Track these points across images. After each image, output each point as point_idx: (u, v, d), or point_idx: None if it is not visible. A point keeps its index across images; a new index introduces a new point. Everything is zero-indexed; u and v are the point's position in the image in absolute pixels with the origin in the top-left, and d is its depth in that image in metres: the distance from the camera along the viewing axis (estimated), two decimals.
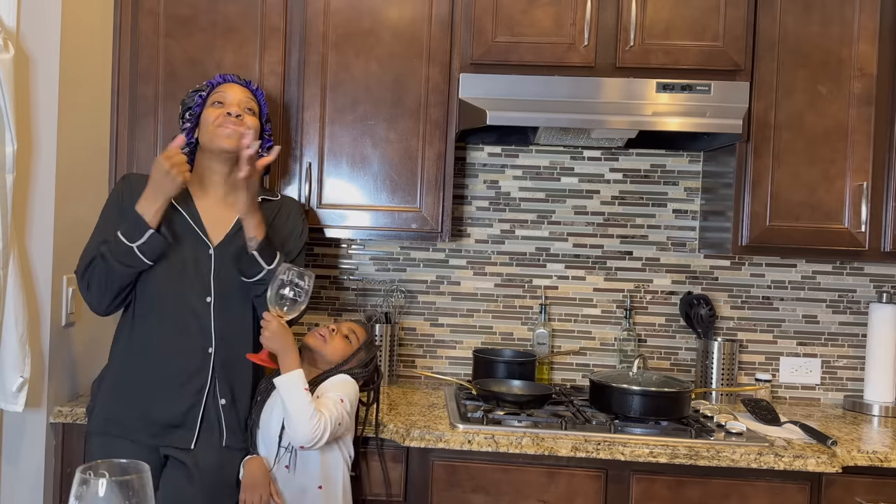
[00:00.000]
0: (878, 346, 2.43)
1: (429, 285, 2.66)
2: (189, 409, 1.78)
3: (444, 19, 2.28)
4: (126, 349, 1.83)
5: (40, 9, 1.98)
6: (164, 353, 1.79)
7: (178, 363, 1.79)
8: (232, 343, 1.83)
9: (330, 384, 1.80)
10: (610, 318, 2.63)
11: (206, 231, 1.85)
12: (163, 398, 1.78)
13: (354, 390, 1.83)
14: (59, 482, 2.05)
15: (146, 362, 1.79)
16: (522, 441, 1.94)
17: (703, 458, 1.91)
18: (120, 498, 0.82)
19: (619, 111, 2.16)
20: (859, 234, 2.23)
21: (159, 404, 1.78)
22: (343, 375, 1.83)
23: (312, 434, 1.64)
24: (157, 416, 1.78)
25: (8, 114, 1.81)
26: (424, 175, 2.30)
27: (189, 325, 1.80)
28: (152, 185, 1.71)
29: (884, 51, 2.22)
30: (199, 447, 1.78)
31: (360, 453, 1.98)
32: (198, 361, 1.80)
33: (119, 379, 1.82)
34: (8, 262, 1.82)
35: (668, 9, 2.21)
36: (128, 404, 1.79)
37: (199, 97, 1.91)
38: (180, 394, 1.78)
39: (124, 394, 1.80)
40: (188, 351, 1.79)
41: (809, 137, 2.24)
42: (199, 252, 1.83)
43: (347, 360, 1.86)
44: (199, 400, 1.79)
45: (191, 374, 1.79)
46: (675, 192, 2.62)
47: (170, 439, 1.78)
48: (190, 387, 1.79)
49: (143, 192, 1.72)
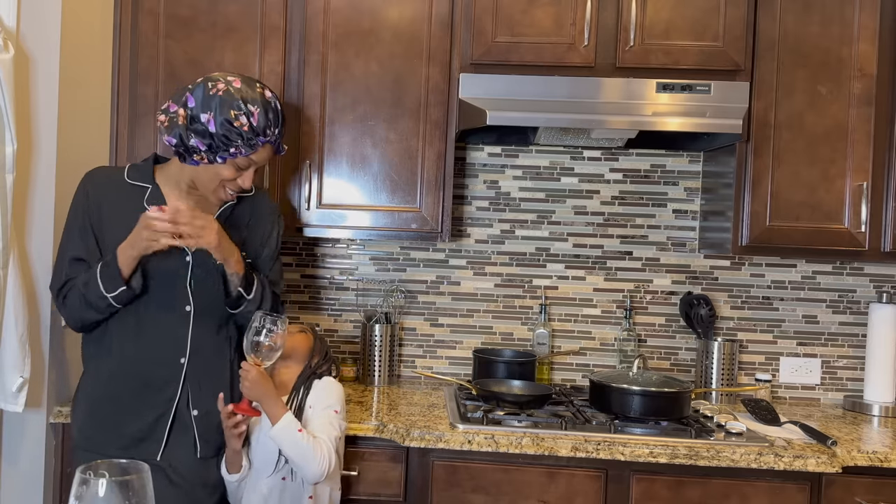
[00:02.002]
0: (878, 346, 2.43)
1: (429, 285, 2.66)
2: (157, 419, 1.73)
3: (444, 19, 2.28)
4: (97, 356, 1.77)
5: (40, 9, 1.98)
6: (135, 362, 1.73)
7: (146, 372, 1.73)
8: (208, 353, 1.77)
9: (316, 396, 1.77)
10: (610, 318, 2.63)
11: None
12: (132, 409, 1.73)
13: (340, 391, 1.82)
14: (59, 482, 2.05)
15: (116, 371, 1.74)
16: (522, 441, 1.94)
17: (703, 458, 1.91)
18: (120, 498, 0.82)
19: (619, 111, 2.16)
20: (859, 234, 2.23)
21: (129, 416, 1.73)
22: (325, 380, 1.81)
23: (321, 470, 1.66)
24: (126, 428, 1.73)
25: (8, 114, 1.81)
26: (424, 175, 2.30)
27: (163, 333, 1.74)
28: (134, 238, 1.62)
29: (884, 51, 2.22)
30: (171, 457, 1.73)
31: (359, 454, 1.98)
32: (169, 371, 1.74)
33: (91, 393, 1.77)
34: (8, 262, 1.82)
35: (668, 9, 2.21)
36: (101, 419, 1.74)
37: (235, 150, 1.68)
38: (148, 404, 1.73)
39: (97, 409, 1.75)
40: (159, 360, 1.74)
41: (809, 137, 2.24)
42: (176, 259, 1.73)
43: (313, 352, 1.83)
44: (168, 409, 1.73)
45: (159, 386, 1.73)
46: (675, 192, 2.62)
47: (137, 451, 1.71)
48: (159, 397, 1.73)
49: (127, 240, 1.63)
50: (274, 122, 1.70)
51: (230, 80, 1.69)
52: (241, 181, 1.74)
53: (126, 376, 1.73)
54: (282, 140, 1.77)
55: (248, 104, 1.66)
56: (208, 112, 1.64)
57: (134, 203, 1.74)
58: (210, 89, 1.66)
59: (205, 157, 1.68)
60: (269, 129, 1.69)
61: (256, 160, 1.73)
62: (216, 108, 1.64)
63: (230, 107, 1.64)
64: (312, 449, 1.64)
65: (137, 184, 1.78)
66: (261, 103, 1.68)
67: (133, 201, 1.75)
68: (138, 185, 1.78)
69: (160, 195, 1.77)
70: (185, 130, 1.66)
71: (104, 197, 1.76)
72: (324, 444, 1.67)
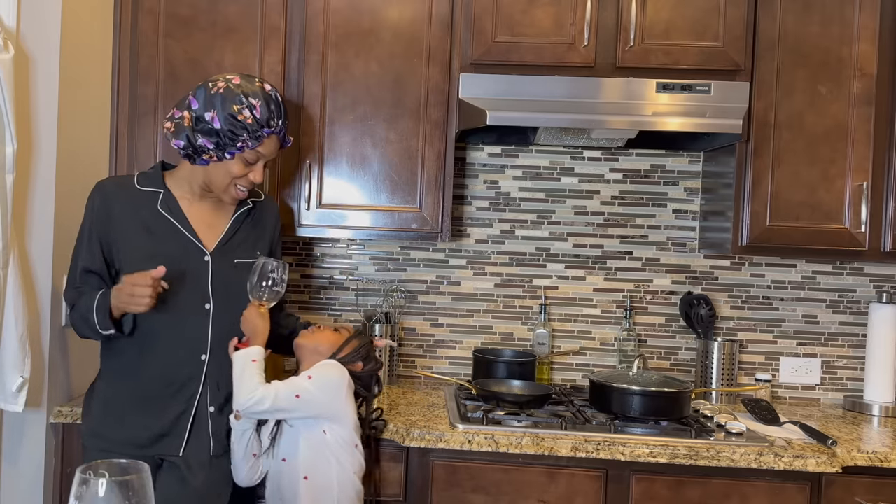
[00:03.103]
0: (878, 346, 2.43)
1: (429, 285, 2.66)
2: (179, 416, 1.76)
3: (444, 19, 2.28)
4: (117, 358, 1.79)
5: (40, 9, 1.98)
6: (157, 364, 1.75)
7: (170, 372, 1.76)
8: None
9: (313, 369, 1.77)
10: (610, 318, 2.63)
11: (198, 237, 1.80)
12: (153, 411, 1.75)
13: (334, 373, 1.76)
14: (59, 482, 2.05)
15: (137, 374, 1.76)
16: (522, 441, 1.94)
17: (703, 458, 1.91)
18: (120, 498, 0.82)
19: (619, 111, 2.16)
20: (859, 234, 2.23)
21: (148, 418, 1.75)
22: (327, 361, 1.79)
23: (244, 402, 1.66)
24: (145, 429, 1.75)
25: (8, 114, 1.80)
26: (424, 175, 2.30)
27: (184, 333, 1.76)
28: (118, 298, 1.66)
29: (884, 51, 2.22)
30: (189, 453, 1.76)
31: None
32: (190, 369, 1.76)
33: (109, 394, 1.80)
34: (8, 262, 1.82)
35: (668, 9, 2.21)
36: (117, 420, 1.77)
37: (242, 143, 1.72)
38: (171, 403, 1.75)
39: (113, 410, 1.78)
40: (181, 359, 1.76)
41: (809, 137, 2.24)
42: (195, 259, 1.78)
43: (340, 349, 1.81)
44: (190, 407, 1.76)
45: (182, 383, 1.76)
46: (675, 192, 2.62)
47: (157, 448, 1.75)
48: (181, 395, 1.76)
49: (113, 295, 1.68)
50: (276, 114, 1.75)
51: (229, 79, 1.75)
52: (252, 176, 1.79)
53: (148, 375, 1.76)
54: (286, 131, 1.82)
55: (250, 97, 1.71)
56: (212, 110, 1.70)
57: (147, 208, 1.80)
58: (211, 89, 1.73)
59: (214, 155, 1.74)
60: (273, 119, 1.74)
61: (264, 152, 1.77)
62: (219, 105, 1.70)
63: (233, 102, 1.70)
64: (249, 382, 1.66)
65: (149, 189, 1.81)
66: (262, 96, 1.73)
67: (146, 207, 1.80)
68: (150, 191, 1.81)
69: (173, 199, 1.81)
70: (192, 132, 1.72)
71: (114, 206, 1.78)
72: (265, 387, 1.67)
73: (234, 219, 1.86)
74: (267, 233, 1.95)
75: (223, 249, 1.82)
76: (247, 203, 1.90)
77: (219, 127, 1.70)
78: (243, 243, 1.87)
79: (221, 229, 1.84)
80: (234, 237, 1.85)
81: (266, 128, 1.73)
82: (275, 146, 1.81)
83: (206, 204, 1.85)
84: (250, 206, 1.90)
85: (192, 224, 1.81)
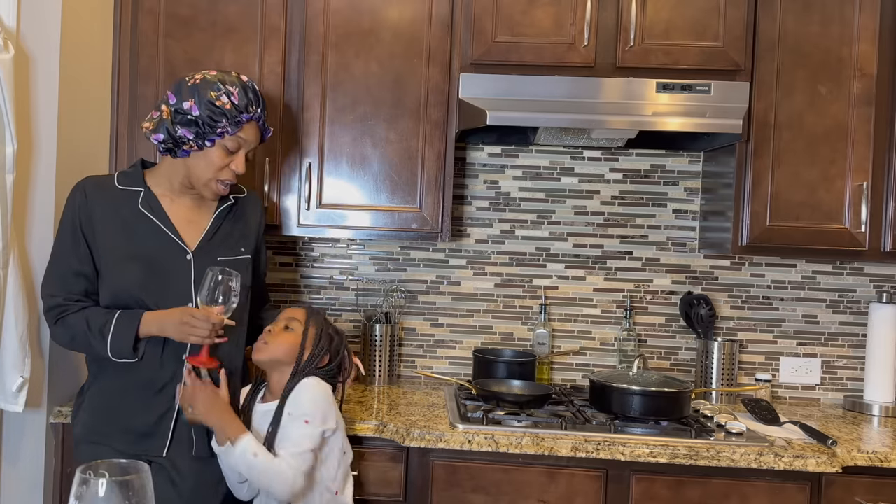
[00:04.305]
0: (878, 346, 2.43)
1: (429, 285, 2.66)
2: (161, 416, 1.75)
3: (444, 19, 2.28)
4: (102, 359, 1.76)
5: (40, 9, 1.98)
6: (140, 364, 1.74)
7: (152, 371, 1.75)
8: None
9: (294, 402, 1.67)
10: (610, 318, 2.63)
11: (179, 235, 1.78)
12: (138, 408, 1.75)
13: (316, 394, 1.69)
14: (59, 482, 2.05)
15: (122, 369, 1.75)
16: (522, 441, 1.94)
17: (703, 458, 1.91)
18: (120, 498, 0.82)
19: (619, 111, 2.16)
20: (859, 234, 2.23)
21: (134, 414, 1.75)
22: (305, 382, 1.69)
23: (291, 491, 1.61)
24: (132, 425, 1.75)
25: (8, 114, 1.81)
26: (424, 175, 2.30)
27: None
28: (167, 326, 1.67)
29: (884, 51, 2.22)
30: (173, 454, 1.75)
31: (359, 453, 1.98)
32: (173, 369, 1.75)
33: (97, 388, 1.79)
34: (8, 262, 1.82)
35: (668, 9, 2.21)
36: (106, 414, 1.77)
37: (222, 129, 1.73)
38: (154, 402, 1.75)
39: (102, 404, 1.78)
40: (163, 359, 1.75)
41: (809, 137, 2.24)
42: (177, 259, 1.77)
43: (301, 353, 1.72)
44: (172, 406, 1.75)
45: (165, 383, 1.75)
46: (675, 192, 2.62)
47: (143, 448, 1.74)
48: (164, 395, 1.75)
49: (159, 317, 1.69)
50: (254, 101, 1.78)
51: (205, 72, 1.79)
52: (234, 165, 1.79)
53: (132, 374, 1.75)
54: (266, 121, 1.83)
55: (227, 85, 1.74)
56: (190, 99, 1.72)
57: (127, 208, 1.78)
58: (188, 82, 1.76)
59: (194, 145, 1.74)
60: (251, 106, 1.77)
61: (245, 138, 1.78)
62: (196, 93, 1.72)
63: (210, 89, 1.72)
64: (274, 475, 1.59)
65: (129, 188, 1.80)
66: (239, 84, 1.76)
67: (126, 206, 1.79)
68: (130, 190, 1.80)
69: (154, 197, 1.80)
70: (172, 124, 1.73)
71: (96, 204, 1.77)
72: (287, 471, 1.59)
73: (216, 215, 1.85)
74: (251, 228, 1.93)
75: (206, 248, 1.80)
76: (228, 199, 1.89)
77: (198, 114, 1.70)
78: (227, 240, 1.85)
79: (204, 226, 1.83)
80: (217, 234, 1.83)
81: (245, 113, 1.74)
82: (255, 134, 1.80)
83: (187, 201, 1.83)
84: (232, 202, 1.89)
85: (174, 223, 1.79)
